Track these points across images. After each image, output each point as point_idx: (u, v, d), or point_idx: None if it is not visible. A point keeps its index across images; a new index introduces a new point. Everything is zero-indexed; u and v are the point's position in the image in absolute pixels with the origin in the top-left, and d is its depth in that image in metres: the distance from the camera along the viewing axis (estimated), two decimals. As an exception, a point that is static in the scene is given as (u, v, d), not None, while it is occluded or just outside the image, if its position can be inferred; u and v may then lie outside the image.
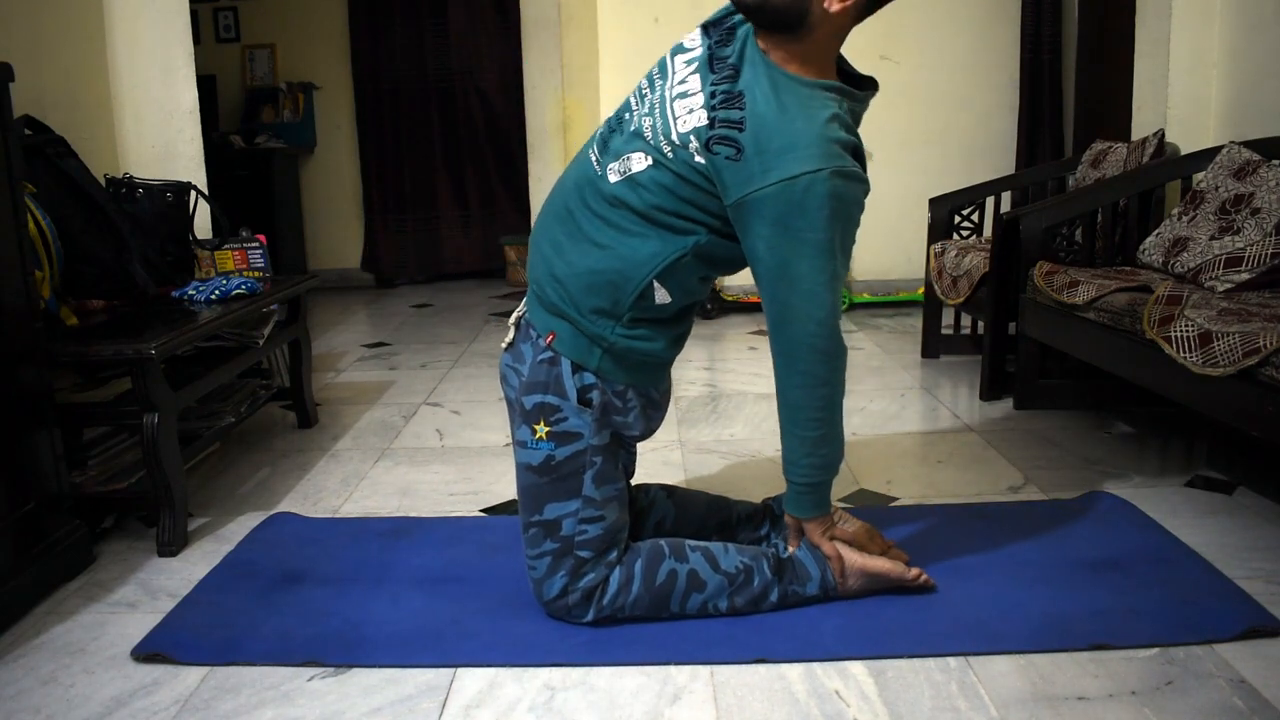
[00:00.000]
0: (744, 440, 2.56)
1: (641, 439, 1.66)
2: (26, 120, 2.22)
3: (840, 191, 1.44)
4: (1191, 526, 1.91)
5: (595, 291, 1.53)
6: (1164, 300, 2.12)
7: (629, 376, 1.57)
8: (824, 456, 1.56)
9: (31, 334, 1.76)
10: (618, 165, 1.53)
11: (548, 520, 1.56)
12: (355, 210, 5.72)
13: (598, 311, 1.54)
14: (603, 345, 1.54)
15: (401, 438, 2.68)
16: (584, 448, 1.55)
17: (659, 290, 1.53)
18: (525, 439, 1.58)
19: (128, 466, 2.08)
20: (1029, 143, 4.33)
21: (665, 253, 1.51)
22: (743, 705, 1.38)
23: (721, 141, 1.45)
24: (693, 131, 1.47)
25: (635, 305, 1.53)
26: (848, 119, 1.51)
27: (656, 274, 1.52)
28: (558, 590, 1.56)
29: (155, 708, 1.40)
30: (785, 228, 1.44)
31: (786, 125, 1.44)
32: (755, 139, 1.43)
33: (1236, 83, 3.01)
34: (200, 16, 5.40)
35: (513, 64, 5.27)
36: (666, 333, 1.59)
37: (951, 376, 3.18)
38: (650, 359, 1.58)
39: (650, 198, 1.50)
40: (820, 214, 1.43)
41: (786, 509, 1.64)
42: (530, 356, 1.59)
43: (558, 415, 1.55)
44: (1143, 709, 1.33)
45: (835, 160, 1.44)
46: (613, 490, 1.58)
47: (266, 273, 2.64)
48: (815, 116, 1.45)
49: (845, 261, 1.53)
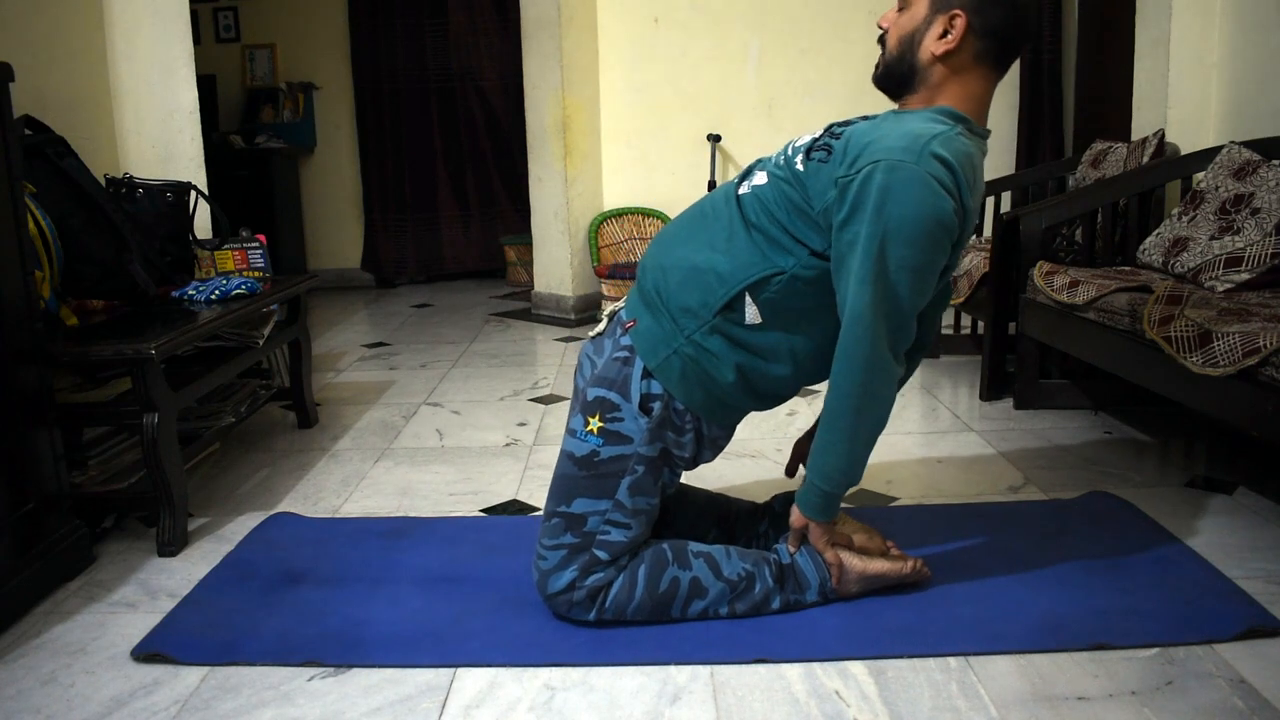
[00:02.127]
0: (744, 440, 2.56)
1: (688, 467, 1.63)
2: (26, 120, 2.22)
3: (917, 190, 1.40)
4: (1191, 526, 1.91)
5: (691, 286, 1.54)
6: (1164, 300, 2.12)
7: (687, 396, 1.55)
8: (858, 466, 1.53)
9: (31, 334, 1.76)
10: (748, 182, 1.60)
11: (574, 514, 1.56)
12: (355, 210, 5.72)
13: (685, 310, 1.54)
14: (673, 346, 1.54)
15: (401, 438, 2.68)
16: (630, 453, 1.54)
17: (749, 306, 1.52)
18: (577, 428, 1.58)
19: (128, 466, 2.08)
20: (1029, 143, 4.33)
21: (763, 266, 1.51)
22: (743, 705, 1.38)
23: (820, 148, 1.51)
24: (803, 146, 1.55)
25: (722, 312, 1.52)
26: (966, 147, 1.48)
27: (750, 284, 1.51)
28: (564, 584, 1.55)
29: (155, 708, 1.40)
30: (849, 217, 1.43)
31: (875, 129, 1.49)
32: (845, 141, 1.49)
33: (1236, 83, 3.01)
34: (200, 16, 5.40)
35: (513, 64, 5.27)
36: (737, 359, 1.54)
37: (951, 376, 3.18)
38: (712, 383, 1.55)
39: (761, 210, 1.53)
40: (880, 206, 1.40)
41: (799, 507, 1.59)
42: (609, 351, 1.62)
43: (615, 414, 1.55)
44: (1143, 709, 1.33)
45: (924, 162, 1.41)
46: (645, 503, 1.57)
47: (266, 273, 2.64)
48: (913, 127, 1.46)
49: (916, 289, 1.45)
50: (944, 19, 1.50)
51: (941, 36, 1.51)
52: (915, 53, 1.54)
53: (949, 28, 1.50)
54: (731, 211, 1.57)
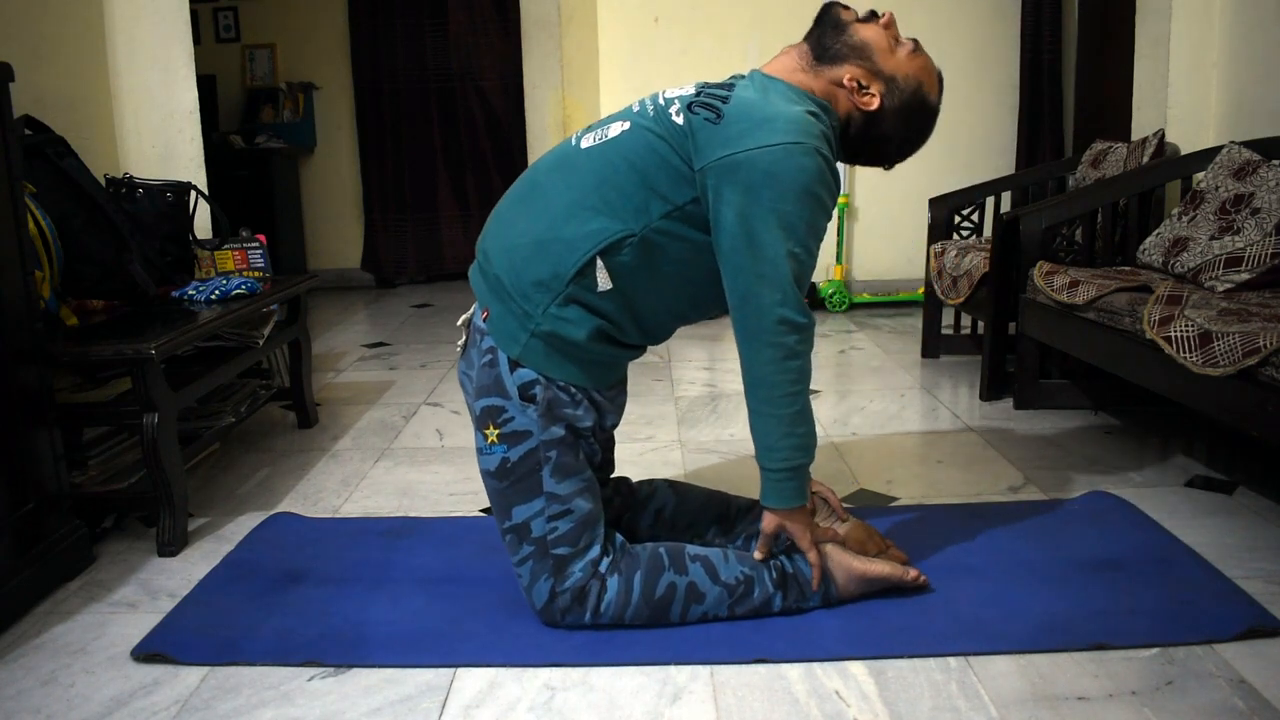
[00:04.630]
0: (744, 440, 2.56)
1: (598, 433, 1.60)
2: (26, 120, 2.22)
3: (817, 170, 1.45)
4: (1191, 526, 1.91)
5: (539, 258, 1.50)
6: (1164, 300, 2.12)
7: (561, 371, 1.52)
8: (802, 436, 1.51)
9: (31, 334, 1.76)
10: (594, 134, 1.57)
11: (517, 524, 1.55)
12: (355, 210, 5.71)
13: (537, 285, 1.50)
14: (528, 329, 1.50)
15: (401, 438, 2.68)
16: (535, 445, 1.52)
17: (601, 272, 1.49)
18: (480, 445, 1.56)
19: (128, 466, 2.08)
20: (1029, 143, 4.33)
21: (613, 230, 1.48)
22: (743, 705, 1.38)
23: (703, 106, 1.50)
24: (678, 97, 1.54)
25: (575, 280, 1.49)
26: (831, 135, 1.56)
27: (601, 249, 1.48)
28: (546, 596, 1.55)
29: (155, 708, 1.40)
30: (756, 195, 1.43)
31: (768, 105, 1.49)
32: (737, 108, 1.48)
33: (1236, 83, 3.01)
34: (200, 16, 5.40)
35: (513, 64, 5.27)
36: (597, 323, 1.52)
37: (951, 376, 3.18)
38: (580, 350, 1.52)
39: (619, 161, 1.50)
40: (793, 187, 1.43)
41: (765, 503, 1.56)
42: (476, 360, 1.59)
43: (504, 416, 1.53)
44: (1143, 709, 1.33)
45: (815, 141, 1.46)
46: (577, 483, 1.55)
47: (266, 273, 2.64)
48: (799, 108, 1.50)
49: (811, 254, 1.49)
50: (877, 84, 1.59)
51: (861, 92, 1.59)
52: (846, 63, 1.58)
53: (870, 91, 1.59)
54: (570, 175, 1.53)
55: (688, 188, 1.48)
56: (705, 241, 1.51)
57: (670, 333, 1.66)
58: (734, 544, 1.76)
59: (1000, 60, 4.43)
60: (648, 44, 4.41)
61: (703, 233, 1.50)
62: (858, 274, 4.59)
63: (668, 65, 4.40)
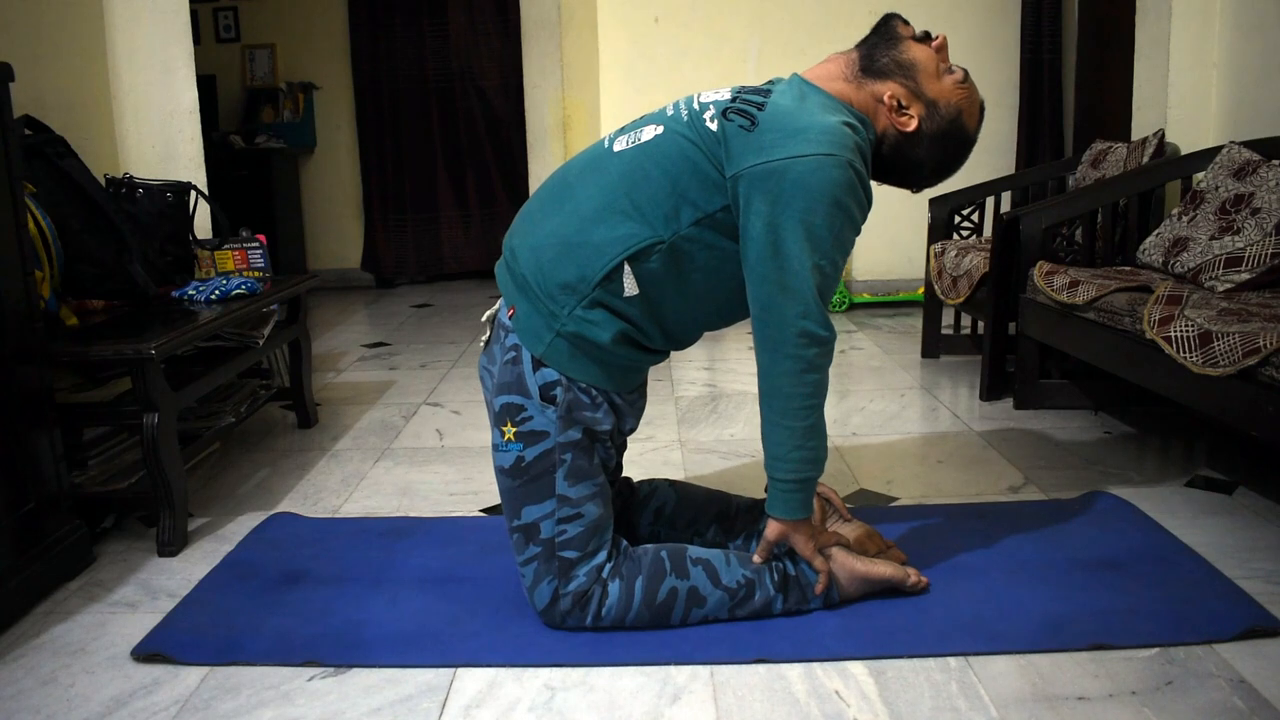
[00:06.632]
0: (744, 440, 2.56)
1: (615, 436, 1.60)
2: (26, 120, 2.22)
3: (848, 183, 1.43)
4: (1191, 526, 1.91)
5: (567, 260, 1.49)
6: (1164, 300, 2.12)
7: (584, 373, 1.52)
8: (813, 450, 1.51)
9: (31, 334, 1.76)
10: (628, 137, 1.55)
11: (526, 524, 1.54)
12: (355, 210, 5.72)
13: (563, 287, 1.49)
14: (554, 328, 1.50)
15: (401, 438, 2.68)
16: (552, 446, 1.52)
17: (628, 278, 1.48)
18: (497, 442, 1.56)
19: (128, 466, 2.08)
20: (1029, 143, 4.33)
21: (642, 235, 1.47)
22: (743, 705, 1.38)
23: (738, 113, 1.48)
24: (713, 102, 1.52)
25: (601, 285, 1.48)
26: (865, 148, 1.53)
27: (629, 255, 1.47)
28: (549, 597, 1.54)
29: (155, 708, 1.40)
30: (785, 206, 1.41)
31: (804, 113, 1.48)
32: (772, 116, 1.46)
33: (1236, 83, 3.01)
34: (200, 16, 5.40)
35: (513, 64, 5.27)
36: (622, 326, 1.51)
37: (951, 376, 3.18)
38: (604, 353, 1.51)
39: (652, 165, 1.48)
40: (823, 199, 1.41)
41: (771, 513, 1.55)
42: (499, 356, 1.57)
43: (523, 415, 1.52)
44: (1143, 709, 1.33)
45: (849, 154, 1.44)
46: (589, 487, 1.54)
47: (266, 273, 2.64)
48: (835, 119, 1.48)
49: (837, 267, 1.48)
50: (917, 106, 1.57)
51: (900, 112, 1.57)
52: (887, 83, 1.57)
53: (909, 112, 1.57)
54: (601, 177, 1.52)
55: (719, 195, 1.47)
56: (734, 250, 1.49)
57: (695, 339, 1.65)
58: (735, 543, 1.76)
59: (1000, 60, 4.43)
60: (648, 44, 4.41)
61: (732, 241, 1.49)
62: (858, 274, 4.59)
63: (668, 65, 4.40)
